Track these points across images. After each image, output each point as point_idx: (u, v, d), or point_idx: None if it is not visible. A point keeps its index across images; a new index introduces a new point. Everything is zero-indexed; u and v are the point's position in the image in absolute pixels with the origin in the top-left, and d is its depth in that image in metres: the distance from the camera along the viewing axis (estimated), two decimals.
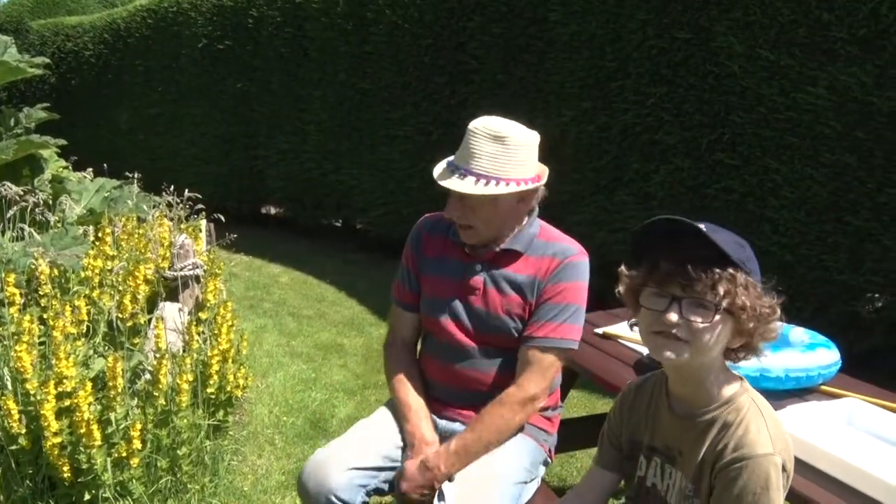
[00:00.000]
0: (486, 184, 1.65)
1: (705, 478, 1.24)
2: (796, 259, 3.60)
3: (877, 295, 3.60)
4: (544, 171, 1.76)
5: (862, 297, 3.56)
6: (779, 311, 1.23)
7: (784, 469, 1.19)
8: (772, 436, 1.20)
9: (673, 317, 1.19)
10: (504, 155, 1.66)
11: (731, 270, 1.18)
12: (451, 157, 1.75)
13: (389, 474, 1.74)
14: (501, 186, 1.66)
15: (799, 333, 2.04)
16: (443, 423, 1.84)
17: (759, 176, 3.72)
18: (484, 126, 1.68)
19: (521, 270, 1.76)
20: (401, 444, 1.79)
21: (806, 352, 1.90)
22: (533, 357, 1.72)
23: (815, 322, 3.35)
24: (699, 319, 1.18)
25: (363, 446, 1.74)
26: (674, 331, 1.20)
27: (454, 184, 1.67)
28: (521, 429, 1.78)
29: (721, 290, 1.17)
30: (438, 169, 1.74)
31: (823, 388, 1.93)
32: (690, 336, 1.19)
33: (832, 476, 1.49)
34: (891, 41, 3.20)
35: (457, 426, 1.80)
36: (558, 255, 1.75)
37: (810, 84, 3.46)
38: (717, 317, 1.18)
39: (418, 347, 1.99)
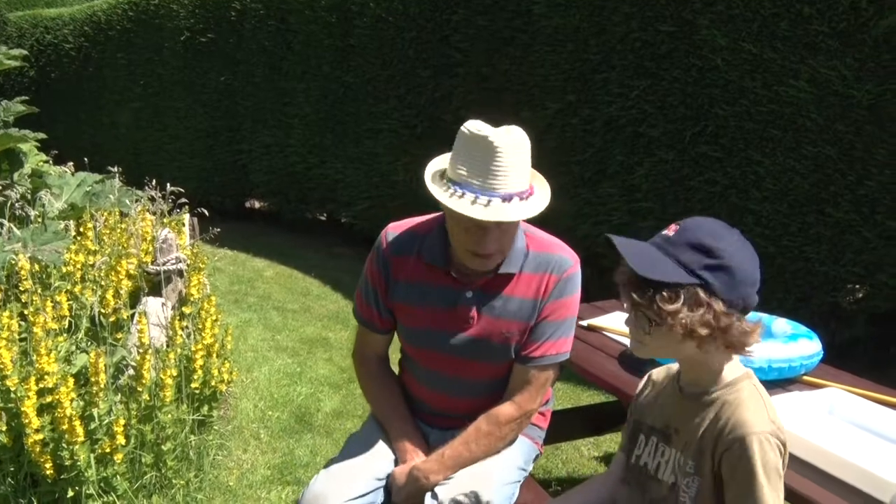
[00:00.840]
0: (525, 199, 1.52)
1: (706, 456, 1.26)
2: (778, 251, 3.63)
3: (857, 286, 3.64)
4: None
5: (843, 288, 3.60)
6: (734, 326, 1.20)
7: (780, 453, 1.22)
8: (770, 417, 1.24)
9: (630, 320, 1.28)
10: (525, 164, 1.54)
11: (665, 292, 1.19)
12: (455, 179, 1.51)
13: (385, 495, 1.70)
14: (534, 198, 1.54)
15: (781, 324, 2.06)
16: (434, 432, 1.80)
17: (741, 168, 3.75)
18: (507, 140, 1.48)
19: (518, 293, 1.65)
20: (392, 458, 1.74)
21: (788, 342, 1.92)
22: (531, 376, 1.67)
23: (797, 313, 3.39)
24: (640, 329, 1.26)
25: (355, 473, 1.67)
26: (631, 331, 1.30)
27: (506, 213, 1.47)
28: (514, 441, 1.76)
29: (661, 308, 1.20)
30: (458, 200, 1.48)
31: (805, 378, 1.94)
32: (641, 339, 1.27)
33: (814, 465, 1.51)
34: (870, 35, 3.23)
35: (448, 434, 1.73)
36: (555, 270, 1.65)
37: (792, 77, 3.49)
38: (653, 329, 1.23)
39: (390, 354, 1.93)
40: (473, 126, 1.51)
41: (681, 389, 1.36)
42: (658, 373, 1.49)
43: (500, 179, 1.48)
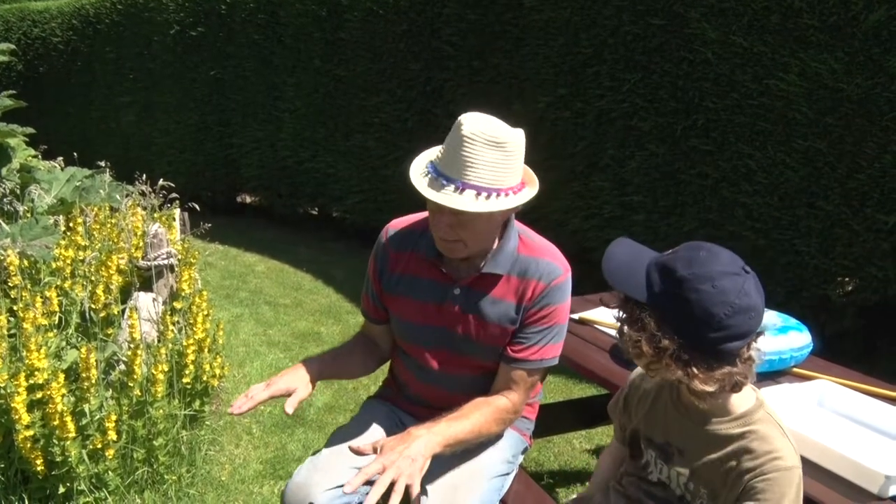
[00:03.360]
0: (487, 197, 1.47)
1: (724, 487, 1.23)
2: (769, 244, 3.64)
3: (847, 279, 3.66)
4: (529, 173, 1.60)
5: (833, 281, 3.62)
6: (678, 364, 1.14)
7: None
8: (794, 449, 1.21)
9: None
10: (502, 163, 1.48)
11: (624, 304, 1.20)
12: (431, 160, 1.54)
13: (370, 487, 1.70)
14: (502, 199, 1.49)
15: (771, 317, 2.06)
16: (412, 420, 1.77)
17: (732, 161, 3.76)
18: (481, 131, 1.46)
19: (504, 295, 1.64)
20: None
21: (778, 335, 1.93)
22: (519, 377, 1.67)
23: (787, 305, 3.41)
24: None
25: (339, 463, 1.67)
26: None
27: (452, 200, 1.45)
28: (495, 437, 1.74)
29: (619, 317, 1.21)
30: (421, 178, 1.52)
31: (795, 370, 1.96)
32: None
33: (803, 457, 1.51)
34: (860, 29, 3.24)
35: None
36: (543, 278, 1.63)
37: (782, 71, 3.50)
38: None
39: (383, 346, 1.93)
40: (467, 115, 1.50)
41: (678, 407, 1.31)
42: (641, 378, 1.43)
43: (466, 170, 1.46)
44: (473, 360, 1.71)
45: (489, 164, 1.46)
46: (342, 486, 1.57)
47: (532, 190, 1.57)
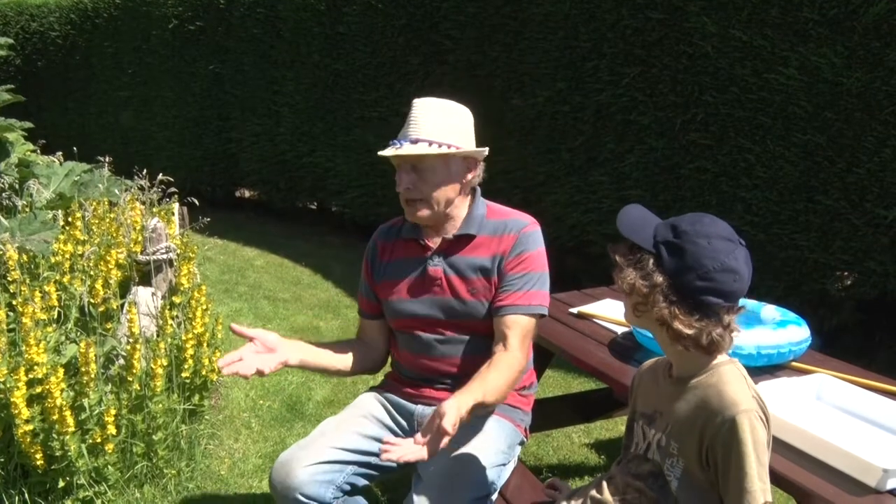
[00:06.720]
0: (440, 147, 1.68)
1: (692, 439, 1.29)
2: (768, 238, 3.65)
3: (846, 273, 3.67)
4: (480, 149, 1.80)
5: (832, 276, 3.62)
6: (666, 305, 1.25)
7: (765, 424, 1.25)
8: (752, 394, 1.27)
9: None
10: (453, 126, 1.72)
11: (630, 249, 1.30)
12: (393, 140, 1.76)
13: (358, 468, 1.77)
14: (453, 149, 1.70)
15: (770, 311, 2.07)
16: (419, 408, 1.85)
17: (731, 156, 3.76)
18: (428, 100, 1.75)
19: (479, 253, 1.78)
20: (365, 433, 1.80)
21: (777, 329, 1.93)
22: (511, 323, 1.72)
23: (786, 300, 3.42)
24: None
25: (323, 442, 1.76)
26: None
27: (407, 148, 1.68)
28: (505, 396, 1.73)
29: (617, 260, 1.32)
30: (384, 150, 1.74)
31: (794, 364, 1.96)
32: (623, 299, 1.38)
33: (801, 450, 1.52)
34: (860, 22, 3.23)
35: (430, 410, 1.72)
36: (513, 229, 1.79)
37: (782, 65, 3.49)
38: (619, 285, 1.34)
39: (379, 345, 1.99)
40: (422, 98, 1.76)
41: (670, 375, 1.39)
42: (647, 364, 1.52)
43: (412, 127, 1.71)
44: (461, 321, 1.79)
45: (440, 123, 1.71)
46: (321, 461, 1.70)
47: (483, 150, 1.78)
